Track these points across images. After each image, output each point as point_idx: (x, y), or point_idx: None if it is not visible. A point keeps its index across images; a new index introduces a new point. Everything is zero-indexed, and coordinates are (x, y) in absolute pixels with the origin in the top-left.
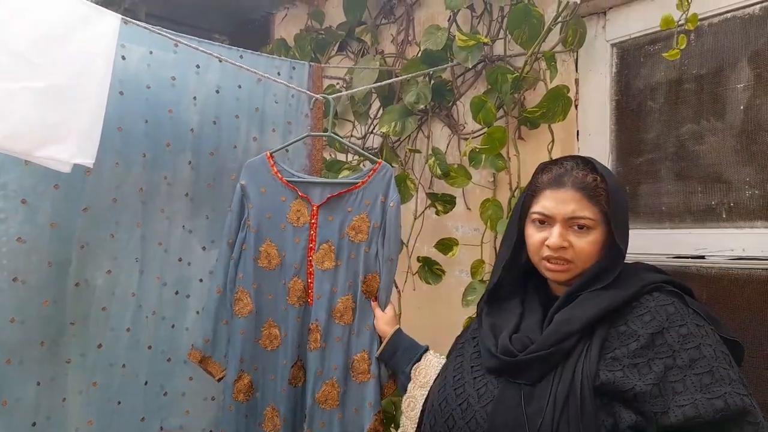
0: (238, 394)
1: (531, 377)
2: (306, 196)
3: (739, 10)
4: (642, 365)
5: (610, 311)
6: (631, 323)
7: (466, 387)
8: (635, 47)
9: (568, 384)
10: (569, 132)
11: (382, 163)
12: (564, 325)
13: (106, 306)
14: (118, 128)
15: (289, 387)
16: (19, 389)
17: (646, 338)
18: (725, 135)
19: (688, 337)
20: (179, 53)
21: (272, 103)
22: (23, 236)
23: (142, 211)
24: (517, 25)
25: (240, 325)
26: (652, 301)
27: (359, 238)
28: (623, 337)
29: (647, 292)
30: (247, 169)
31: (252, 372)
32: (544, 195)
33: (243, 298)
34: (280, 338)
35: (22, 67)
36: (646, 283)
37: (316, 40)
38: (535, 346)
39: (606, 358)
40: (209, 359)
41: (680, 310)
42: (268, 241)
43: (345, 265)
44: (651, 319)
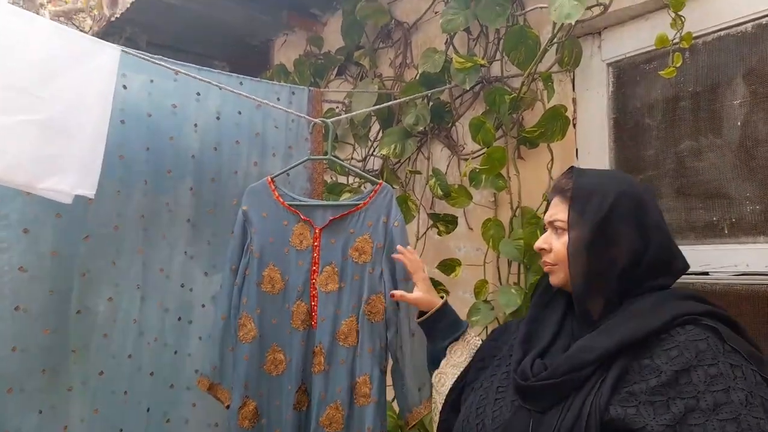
0: (243, 420)
1: (541, 404)
2: (308, 219)
3: (732, 28)
4: (659, 404)
5: (632, 342)
6: (656, 357)
7: (486, 408)
8: (631, 66)
9: (575, 416)
10: (568, 151)
11: (383, 184)
12: (580, 354)
13: (108, 333)
14: (119, 156)
15: (294, 412)
16: (20, 418)
17: (669, 375)
18: (724, 151)
19: (717, 378)
20: (180, 81)
21: (272, 128)
22: (25, 265)
23: (144, 238)
24: (513, 46)
25: (244, 350)
26: (682, 335)
27: (363, 259)
28: (644, 372)
29: (679, 324)
30: (249, 195)
31: (257, 398)
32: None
33: (247, 323)
34: (285, 363)
35: (23, 100)
36: (679, 314)
37: (315, 65)
38: (547, 373)
39: (621, 392)
40: (218, 386)
41: (713, 346)
42: (271, 265)
43: (349, 286)
44: (678, 354)
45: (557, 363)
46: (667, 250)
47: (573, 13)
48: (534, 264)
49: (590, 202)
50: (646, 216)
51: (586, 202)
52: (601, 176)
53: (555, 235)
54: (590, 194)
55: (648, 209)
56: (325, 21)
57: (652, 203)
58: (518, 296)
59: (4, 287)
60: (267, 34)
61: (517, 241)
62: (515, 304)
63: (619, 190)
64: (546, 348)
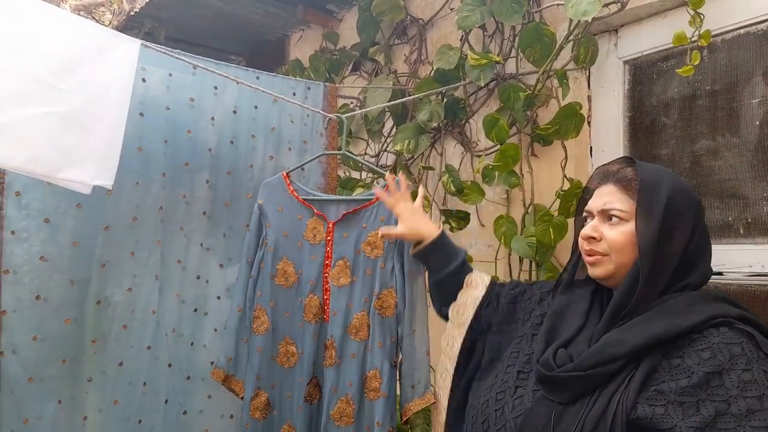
0: (255, 411)
1: (565, 396)
2: (322, 214)
3: (752, 26)
4: (689, 405)
5: (664, 340)
6: (687, 357)
7: (506, 394)
8: (648, 64)
9: (601, 412)
10: (583, 148)
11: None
12: (609, 347)
13: (127, 324)
14: (138, 148)
15: (305, 404)
16: (40, 407)
17: (700, 376)
18: (741, 150)
19: (751, 384)
20: (197, 75)
21: (288, 123)
22: (46, 255)
23: (162, 230)
24: (528, 43)
25: (257, 342)
26: (716, 337)
27: (375, 254)
28: (675, 371)
29: (713, 326)
30: (265, 189)
31: (269, 390)
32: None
33: (260, 315)
34: (297, 356)
35: (44, 92)
36: (713, 315)
37: (330, 61)
38: (573, 365)
39: (650, 390)
40: (232, 377)
41: (748, 352)
42: (285, 259)
43: (361, 281)
44: (711, 356)
45: (584, 355)
46: (705, 250)
47: (590, 10)
48: (545, 261)
49: (658, 196)
50: (699, 216)
51: (654, 195)
52: (664, 171)
53: (606, 225)
54: (656, 187)
55: (701, 210)
56: (341, 17)
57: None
58: None
59: (24, 276)
60: (283, 30)
61: (529, 238)
62: None
63: (681, 188)
64: (570, 339)
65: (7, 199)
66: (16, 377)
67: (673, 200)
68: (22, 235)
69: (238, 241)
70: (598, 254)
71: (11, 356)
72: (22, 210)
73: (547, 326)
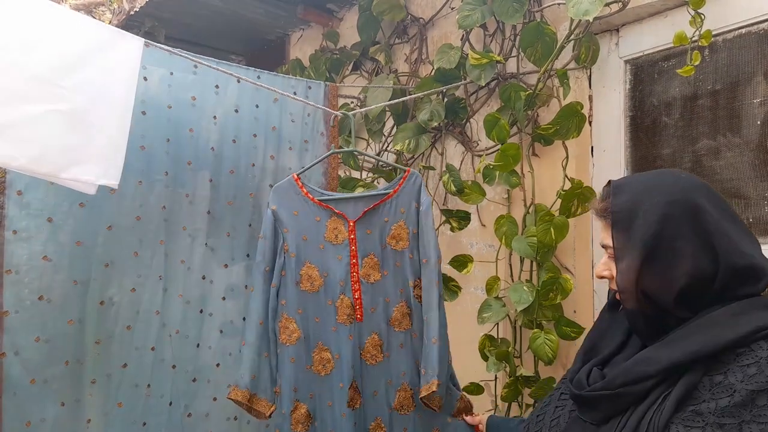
0: (297, 425)
1: (596, 416)
2: (342, 213)
3: (753, 25)
4: (730, 427)
5: (703, 356)
6: (730, 374)
7: (546, 416)
8: (649, 63)
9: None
10: (584, 148)
11: (411, 171)
12: (639, 365)
13: (131, 325)
14: (140, 147)
15: (348, 410)
16: (42, 410)
17: (743, 395)
18: (742, 150)
19: None
20: (199, 74)
21: (288, 122)
22: (48, 255)
23: (165, 229)
24: (529, 43)
25: (290, 353)
26: (765, 350)
27: (401, 246)
28: (716, 389)
29: (762, 338)
30: (276, 194)
31: (308, 401)
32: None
33: (289, 325)
34: (332, 361)
35: (47, 91)
36: (762, 326)
37: (330, 60)
38: (602, 384)
39: (686, 410)
40: (255, 396)
41: None
42: (307, 263)
43: (392, 274)
44: (757, 372)
45: (614, 374)
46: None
47: (591, 10)
48: (546, 261)
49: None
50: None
51: (629, 224)
52: (644, 187)
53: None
54: (632, 213)
55: (705, 214)
56: (341, 16)
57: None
58: (530, 293)
59: (26, 276)
60: (283, 29)
61: (530, 238)
62: (527, 301)
63: (668, 200)
64: (608, 357)
65: (8, 198)
66: (18, 379)
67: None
68: (23, 234)
69: (241, 241)
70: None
71: (13, 357)
72: (24, 209)
73: (586, 346)
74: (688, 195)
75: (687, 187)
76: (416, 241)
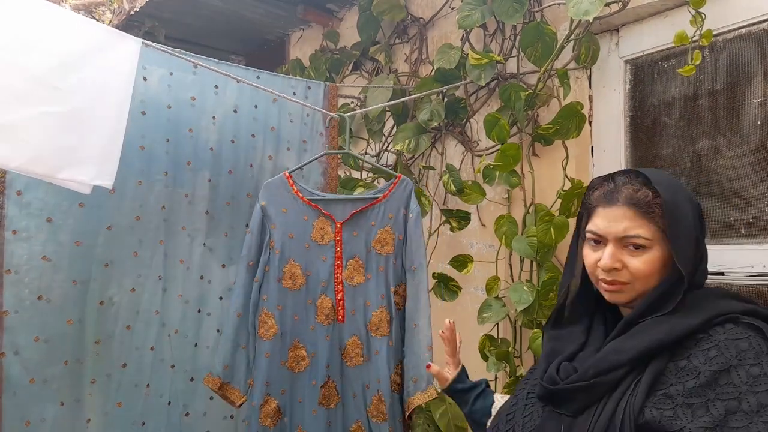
0: (265, 419)
1: (572, 408)
2: (329, 214)
3: (754, 25)
4: (698, 406)
5: (668, 343)
6: (693, 358)
7: (516, 414)
8: (649, 63)
9: (608, 419)
10: (584, 148)
11: (402, 177)
12: (611, 355)
13: (131, 324)
14: (140, 147)
15: (321, 408)
16: (42, 409)
17: (707, 376)
18: (742, 150)
19: (761, 379)
20: (198, 74)
21: (287, 123)
22: (48, 254)
23: (165, 229)
24: (529, 43)
25: (265, 347)
26: (722, 334)
27: (386, 251)
28: (681, 373)
29: (719, 324)
30: (267, 190)
31: (279, 396)
32: (596, 213)
33: (267, 320)
34: (308, 359)
35: (44, 91)
36: (717, 313)
37: (330, 60)
38: (576, 376)
39: (657, 394)
40: (228, 385)
41: (755, 346)
42: (291, 261)
43: (375, 278)
44: (717, 354)
45: (587, 365)
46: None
47: (591, 10)
48: (546, 261)
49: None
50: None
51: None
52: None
53: (626, 252)
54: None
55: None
56: (341, 16)
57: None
58: (530, 293)
59: (26, 276)
60: (283, 29)
61: (530, 238)
62: (527, 301)
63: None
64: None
65: (8, 198)
66: (17, 378)
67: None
68: (23, 234)
69: (239, 241)
70: (619, 284)
71: (13, 357)
72: (24, 209)
73: (546, 350)
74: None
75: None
76: (402, 247)
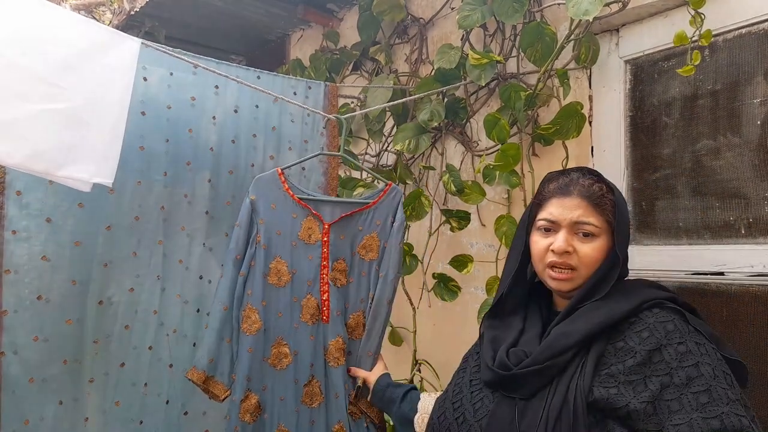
0: (245, 414)
1: (525, 392)
2: (318, 214)
3: (753, 25)
4: (637, 382)
5: (607, 326)
6: (628, 339)
7: (464, 401)
8: (649, 63)
9: (562, 399)
10: (583, 148)
11: (392, 185)
12: (560, 339)
13: (129, 324)
14: (139, 147)
15: (303, 406)
16: (41, 408)
17: (643, 355)
18: (742, 150)
19: (687, 355)
20: (198, 74)
21: (288, 122)
22: (47, 255)
23: (164, 229)
24: (529, 43)
25: (248, 342)
26: (651, 318)
27: (370, 257)
28: (620, 354)
29: (647, 308)
30: (257, 184)
31: (260, 392)
32: (550, 203)
33: (251, 315)
34: (290, 356)
35: (44, 89)
36: (646, 299)
37: (330, 60)
38: (530, 360)
39: (601, 374)
40: (212, 379)
41: (680, 327)
42: (278, 257)
43: (357, 282)
44: (649, 335)
45: (539, 350)
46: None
47: (591, 10)
48: None
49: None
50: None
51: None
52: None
53: (577, 238)
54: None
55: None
56: (342, 16)
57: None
58: None
59: (25, 276)
60: (283, 29)
61: None
62: None
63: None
64: (515, 341)
65: (8, 198)
66: (17, 378)
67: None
68: (23, 234)
69: None
70: (567, 272)
71: (12, 356)
72: (23, 209)
73: (489, 337)
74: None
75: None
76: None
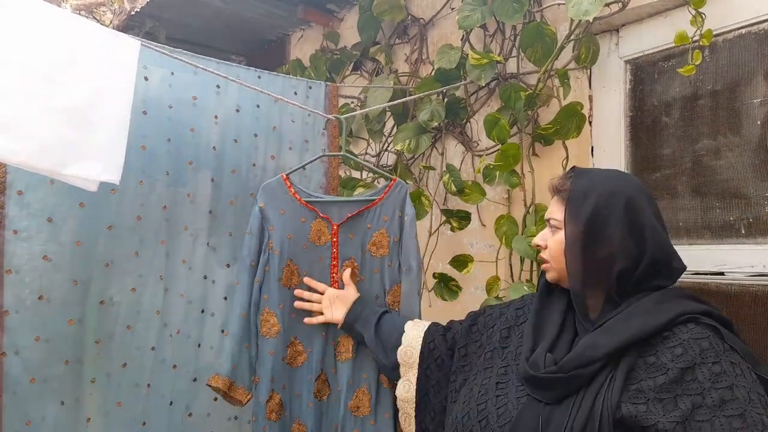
0: (271, 413)
1: (551, 396)
2: (326, 216)
3: (754, 25)
4: (668, 401)
5: (638, 340)
6: (660, 355)
7: (488, 404)
8: (649, 63)
9: (587, 413)
10: (583, 148)
11: (397, 180)
12: (587, 351)
13: (131, 324)
14: (141, 147)
15: (315, 400)
16: (42, 409)
17: (675, 372)
18: (742, 150)
19: (721, 376)
20: (199, 74)
21: (289, 122)
22: (48, 254)
23: (166, 229)
24: (529, 43)
25: (269, 345)
26: (685, 333)
27: (381, 253)
28: (651, 369)
29: (681, 323)
30: (264, 192)
31: (281, 391)
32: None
33: (270, 319)
34: (304, 354)
35: (46, 87)
36: (680, 313)
37: (331, 60)
38: (556, 368)
39: (630, 389)
40: (234, 385)
41: (715, 345)
42: (290, 261)
43: (369, 279)
44: (683, 352)
45: (566, 359)
46: (664, 250)
47: (591, 10)
48: None
49: (584, 203)
50: (638, 216)
51: (581, 203)
52: (599, 176)
53: (550, 233)
54: (585, 195)
55: (640, 209)
56: (342, 16)
57: (645, 203)
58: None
59: (27, 276)
60: (283, 29)
61: (530, 238)
62: None
63: (609, 191)
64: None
65: (9, 198)
66: (18, 378)
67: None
68: (24, 234)
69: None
70: (545, 260)
71: (13, 357)
72: (25, 209)
73: (532, 323)
74: (627, 191)
75: (630, 185)
76: (396, 249)
